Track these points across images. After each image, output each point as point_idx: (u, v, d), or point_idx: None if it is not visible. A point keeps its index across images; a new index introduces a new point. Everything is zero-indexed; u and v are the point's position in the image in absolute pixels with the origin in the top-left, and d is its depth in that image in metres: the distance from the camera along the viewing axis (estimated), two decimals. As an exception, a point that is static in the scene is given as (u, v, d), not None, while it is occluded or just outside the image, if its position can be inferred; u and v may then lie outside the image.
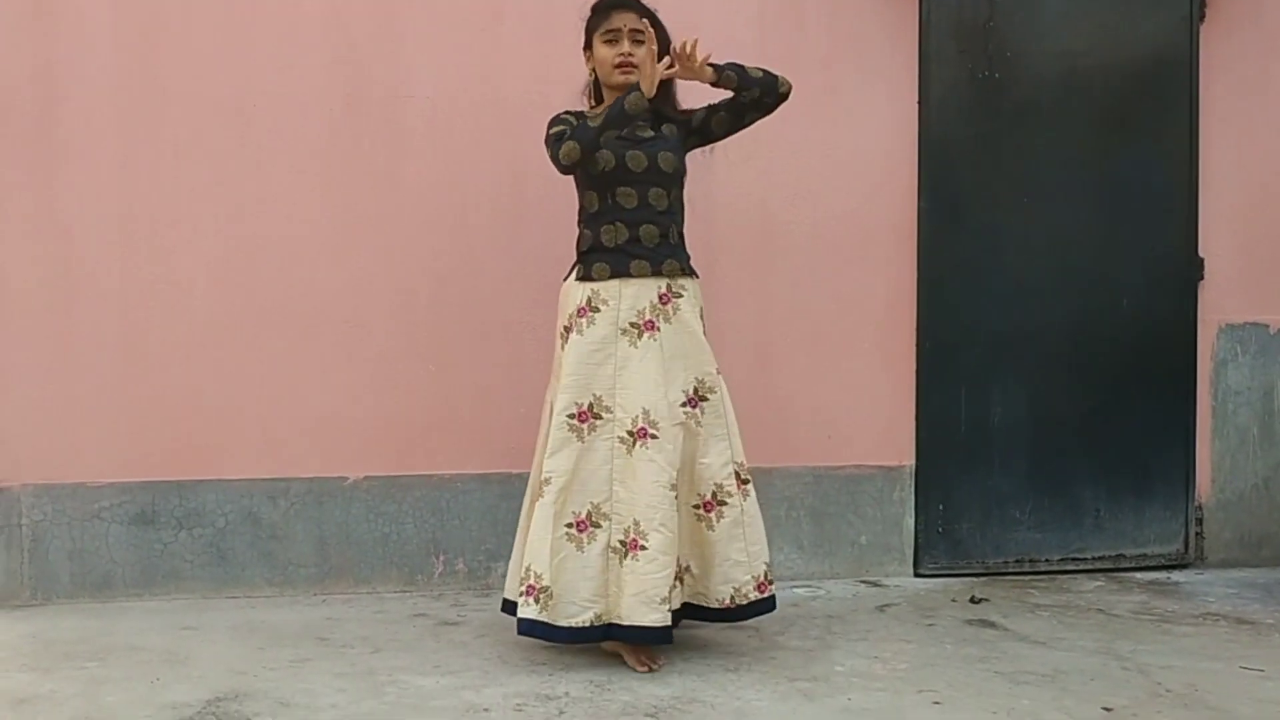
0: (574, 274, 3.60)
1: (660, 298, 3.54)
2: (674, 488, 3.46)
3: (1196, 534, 4.90)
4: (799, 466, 4.59)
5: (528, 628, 3.42)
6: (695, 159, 3.82)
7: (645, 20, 3.58)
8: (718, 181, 4.46)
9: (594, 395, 3.47)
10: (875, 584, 4.59)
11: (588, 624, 3.44)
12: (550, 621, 3.41)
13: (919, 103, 4.66)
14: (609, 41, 3.61)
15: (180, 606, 4.14)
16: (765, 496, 4.51)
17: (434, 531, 4.37)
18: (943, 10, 4.64)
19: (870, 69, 4.63)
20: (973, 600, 4.36)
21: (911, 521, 4.69)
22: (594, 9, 3.69)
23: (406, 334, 4.34)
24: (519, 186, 4.39)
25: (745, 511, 3.61)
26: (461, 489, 4.36)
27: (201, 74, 4.22)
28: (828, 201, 4.59)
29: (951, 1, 4.65)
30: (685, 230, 3.68)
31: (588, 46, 3.71)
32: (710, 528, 3.58)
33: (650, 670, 3.48)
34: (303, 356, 4.29)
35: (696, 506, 3.59)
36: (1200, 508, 4.91)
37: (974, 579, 4.64)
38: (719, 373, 3.64)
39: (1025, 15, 4.71)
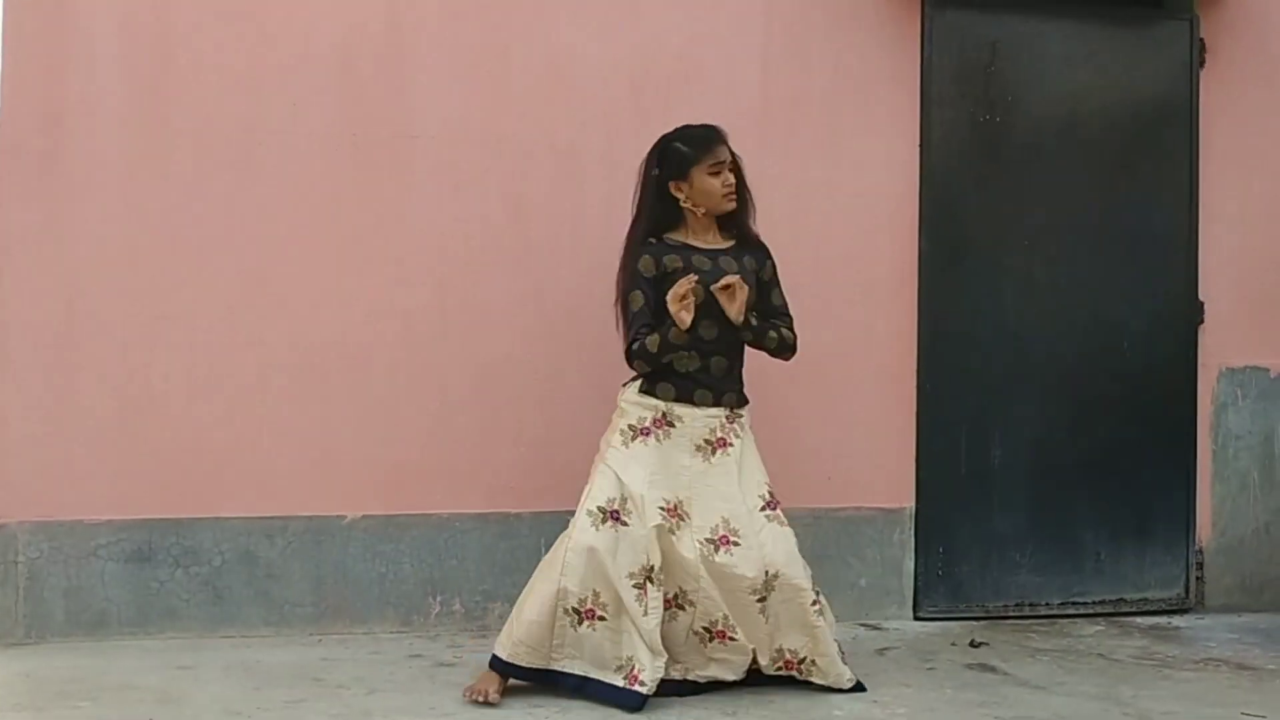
0: None
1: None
2: None
3: (1197, 578, 4.88)
4: (798, 508, 4.55)
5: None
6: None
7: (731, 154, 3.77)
8: (719, 222, 4.48)
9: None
10: (875, 627, 4.56)
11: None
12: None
13: (920, 146, 4.68)
14: (715, 173, 3.72)
15: (175, 645, 4.12)
16: (765, 538, 4.50)
17: (431, 571, 4.35)
18: (944, 54, 4.67)
19: (872, 112, 4.65)
20: (973, 644, 4.33)
21: (911, 564, 4.67)
22: (692, 141, 3.75)
23: (406, 373, 4.33)
24: (523, 226, 4.40)
25: None
26: (459, 529, 4.35)
27: (208, 114, 4.23)
28: (829, 243, 4.60)
29: (953, 45, 4.68)
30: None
31: (682, 178, 3.74)
32: None
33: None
34: (303, 394, 4.28)
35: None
36: (1201, 552, 4.89)
37: (974, 622, 4.62)
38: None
39: (1026, 59, 4.73)
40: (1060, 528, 4.75)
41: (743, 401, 3.85)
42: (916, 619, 4.65)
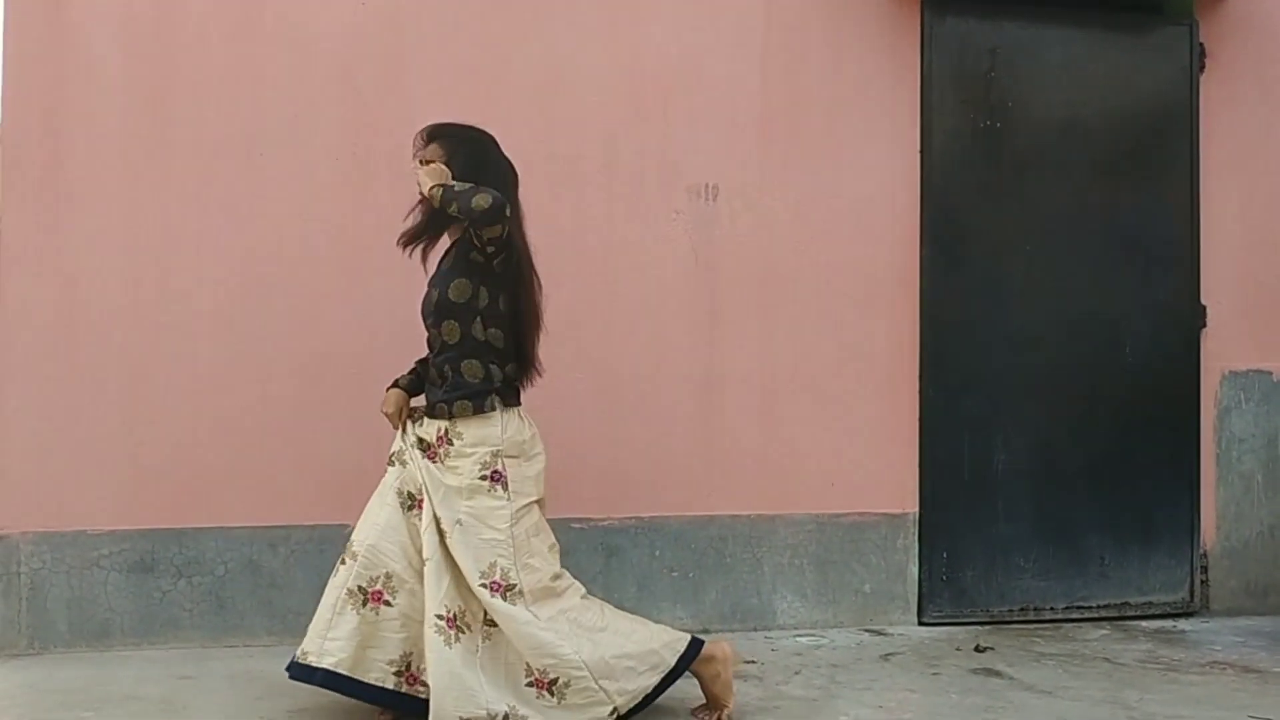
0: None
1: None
2: None
3: (1202, 582, 4.87)
4: (802, 514, 4.57)
5: None
6: (698, 207, 3.80)
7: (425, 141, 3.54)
8: (720, 230, 4.48)
9: None
10: (879, 632, 4.56)
11: None
12: None
13: (921, 152, 4.68)
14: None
15: (179, 655, 4.11)
16: (769, 544, 4.52)
17: (435, 579, 4.33)
18: (944, 61, 4.68)
19: (873, 119, 4.66)
20: (977, 649, 4.32)
21: (915, 569, 4.66)
22: None
23: (409, 381, 4.32)
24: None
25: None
26: (463, 537, 4.33)
27: (209, 121, 4.24)
28: (830, 250, 4.60)
29: (953, 52, 4.69)
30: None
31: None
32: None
33: None
34: (305, 403, 4.28)
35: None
36: (1205, 555, 4.89)
37: (978, 627, 4.61)
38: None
39: (1026, 66, 4.74)
40: (1064, 532, 4.74)
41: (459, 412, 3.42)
42: (921, 624, 4.64)
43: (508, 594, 3.27)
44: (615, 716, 3.31)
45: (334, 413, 4.28)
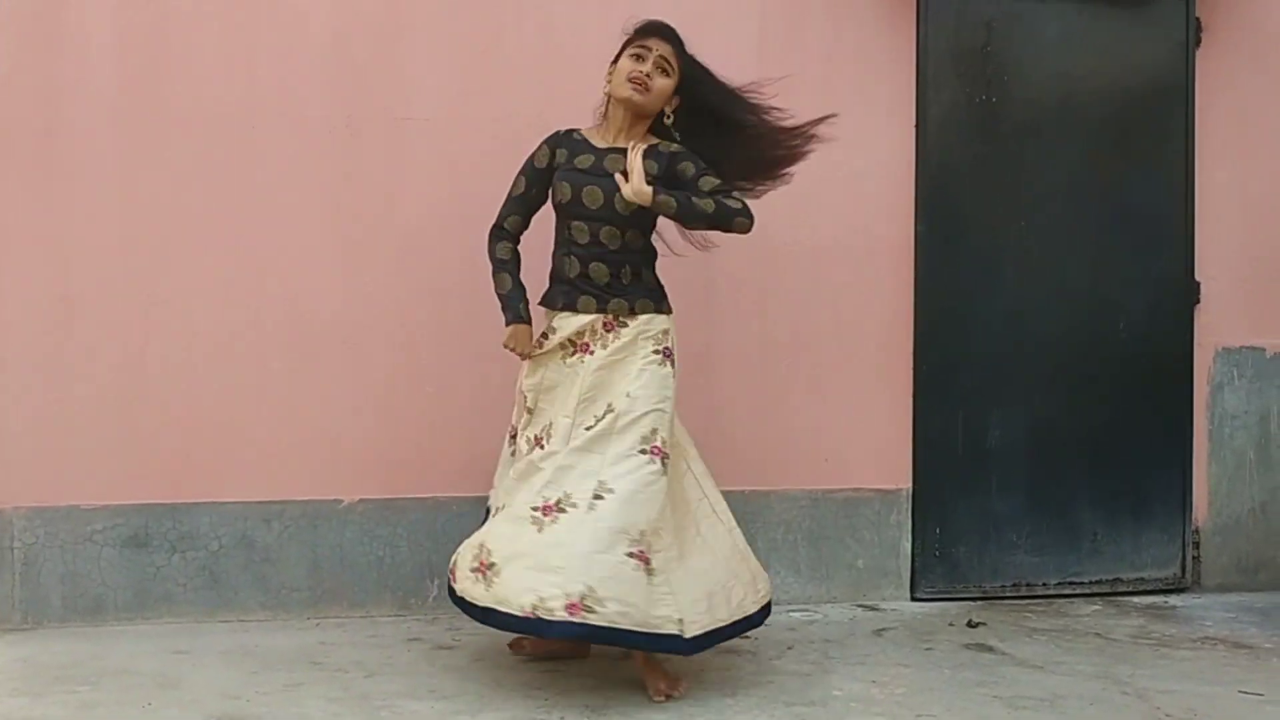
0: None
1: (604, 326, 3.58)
2: None
3: (1194, 558, 4.89)
4: (796, 490, 4.58)
5: None
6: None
7: (678, 57, 3.59)
8: (715, 204, 4.47)
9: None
10: (872, 608, 4.57)
11: None
12: None
13: (916, 126, 4.67)
14: (636, 56, 3.58)
15: (173, 630, 4.11)
16: (762, 520, 4.52)
17: (429, 555, 4.34)
18: (940, 34, 4.65)
19: (868, 93, 4.64)
20: (970, 624, 4.34)
21: (909, 545, 4.67)
22: (637, 29, 3.65)
23: (405, 356, 4.32)
24: (516, 208, 4.38)
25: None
26: (457, 512, 4.33)
27: (203, 96, 4.21)
28: (825, 224, 4.59)
29: (949, 26, 4.66)
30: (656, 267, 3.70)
31: (614, 61, 3.66)
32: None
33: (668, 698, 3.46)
34: (299, 378, 4.27)
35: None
36: (1198, 532, 4.90)
37: (971, 603, 4.63)
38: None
39: (1022, 40, 4.72)
40: (1057, 508, 4.75)
41: (640, 309, 3.58)
42: (914, 600, 4.65)
43: (664, 462, 3.42)
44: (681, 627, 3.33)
45: (328, 388, 4.28)
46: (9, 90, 4.11)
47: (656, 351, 3.55)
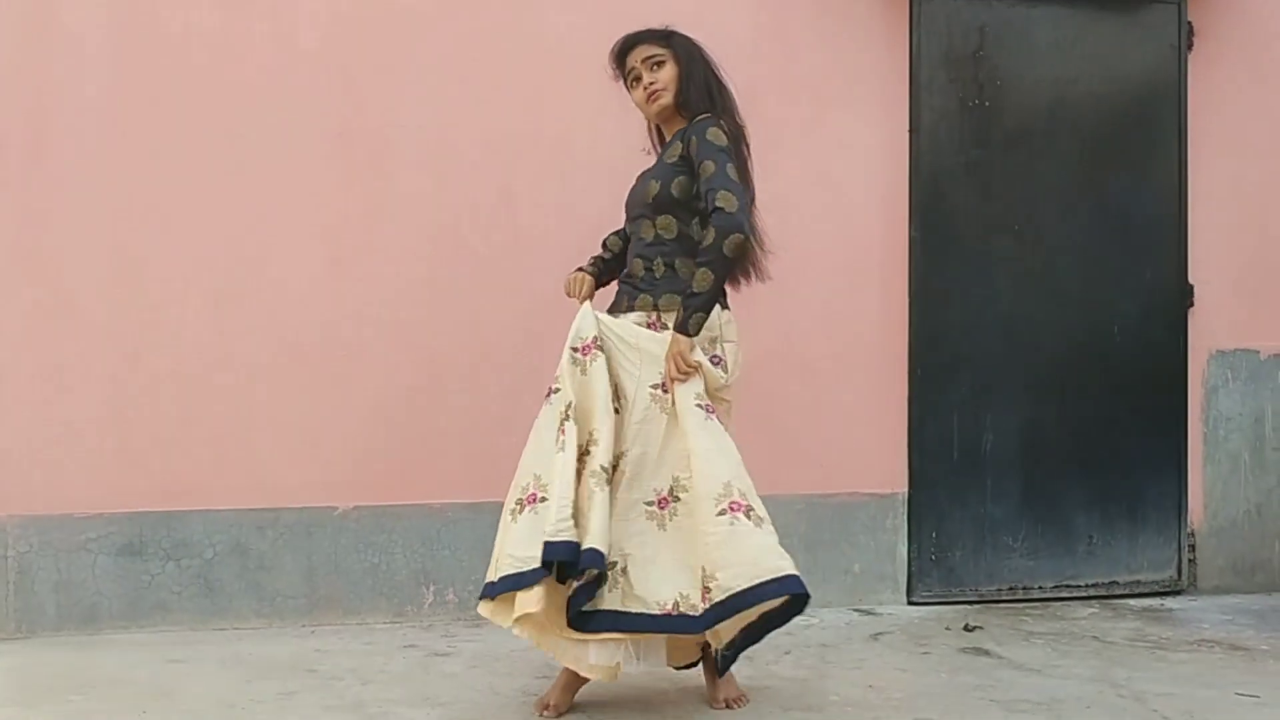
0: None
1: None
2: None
3: (1189, 560, 4.89)
4: (791, 495, 4.57)
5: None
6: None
7: (654, 41, 3.52)
8: (709, 209, 4.46)
9: None
10: (869, 612, 4.56)
11: None
12: None
13: (910, 131, 4.67)
14: (632, 80, 3.53)
15: (167, 639, 4.10)
16: (758, 525, 4.49)
17: (424, 562, 4.34)
18: (933, 39, 4.66)
19: (861, 97, 4.65)
20: (966, 628, 4.34)
21: (905, 549, 4.67)
22: (613, 63, 3.56)
23: (396, 363, 4.32)
24: (511, 216, 4.39)
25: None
26: (452, 518, 4.33)
27: (194, 105, 4.21)
28: (819, 229, 4.60)
29: (942, 31, 4.67)
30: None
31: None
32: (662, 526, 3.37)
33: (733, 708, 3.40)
34: (292, 386, 4.26)
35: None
36: (1193, 534, 4.90)
37: (967, 607, 4.63)
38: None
39: (1015, 44, 4.73)
40: (1052, 511, 4.76)
41: (666, 306, 3.38)
42: (910, 604, 4.65)
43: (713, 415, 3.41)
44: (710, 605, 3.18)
45: (322, 395, 4.27)
46: None
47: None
